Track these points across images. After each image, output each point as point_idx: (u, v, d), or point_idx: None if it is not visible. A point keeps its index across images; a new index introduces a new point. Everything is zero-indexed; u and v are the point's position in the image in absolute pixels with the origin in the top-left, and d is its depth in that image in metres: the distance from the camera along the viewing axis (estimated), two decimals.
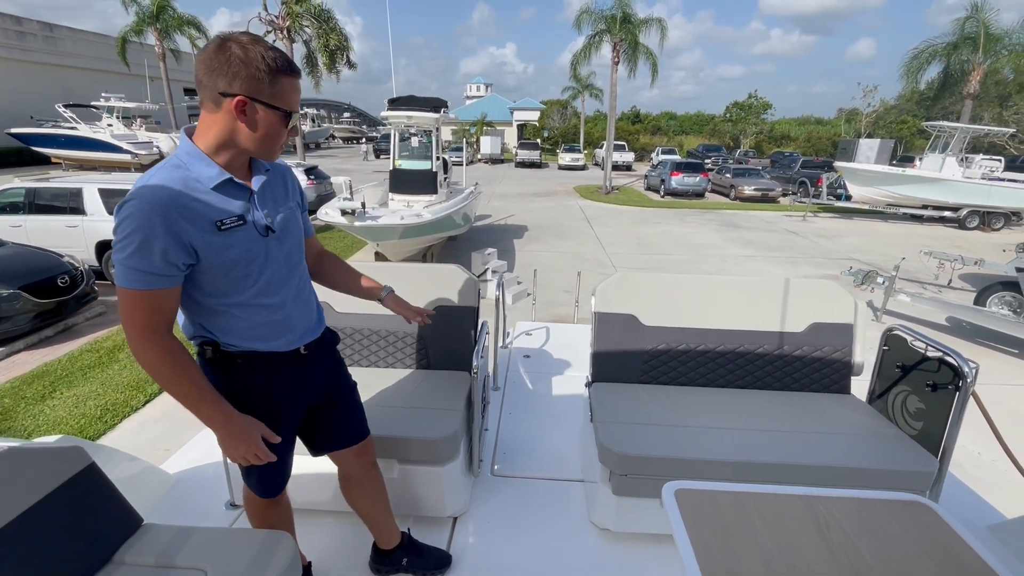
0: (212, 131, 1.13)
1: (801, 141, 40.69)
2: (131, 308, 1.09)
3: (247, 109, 1.10)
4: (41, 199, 7.41)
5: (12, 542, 1.08)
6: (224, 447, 1.23)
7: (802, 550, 0.95)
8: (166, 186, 1.08)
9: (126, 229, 1.05)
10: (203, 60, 1.08)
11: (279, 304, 1.29)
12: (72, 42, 27.65)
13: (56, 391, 4.65)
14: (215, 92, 1.09)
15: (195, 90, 1.14)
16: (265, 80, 1.09)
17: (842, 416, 1.99)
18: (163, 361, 1.13)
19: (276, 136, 1.17)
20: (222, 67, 1.07)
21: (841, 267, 8.27)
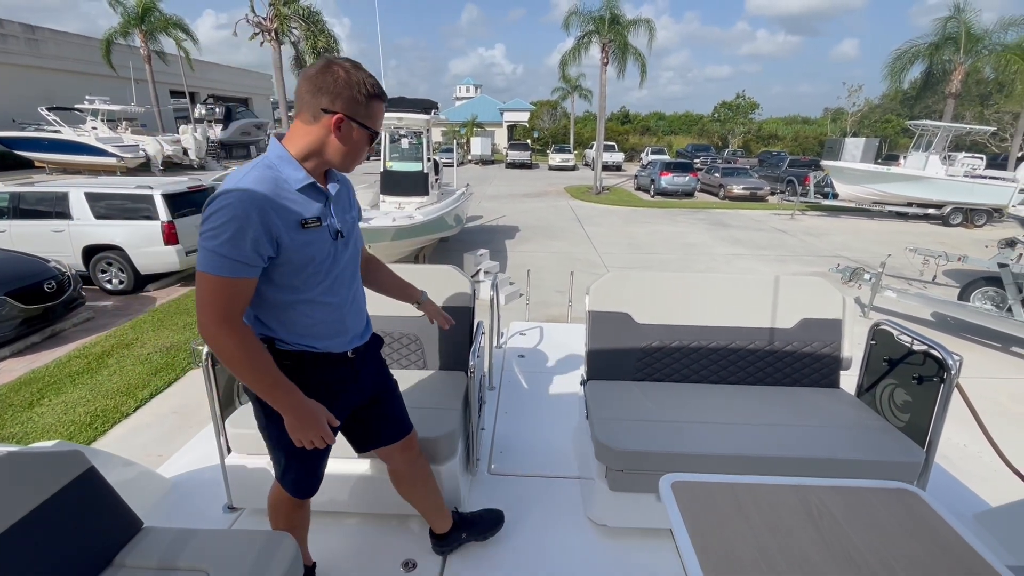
0: (305, 140, 1.24)
1: (788, 140, 41.17)
2: (213, 294, 1.15)
3: (343, 126, 1.22)
4: (26, 203, 7.30)
5: (13, 547, 1.08)
6: (293, 430, 1.27)
7: (795, 537, 0.98)
8: (261, 183, 1.18)
9: (221, 218, 1.13)
10: (308, 78, 1.20)
11: (339, 304, 1.37)
12: (55, 44, 27.21)
13: (44, 398, 4.59)
14: (317, 108, 1.20)
15: (181, 92, 1.23)
16: (363, 103, 1.22)
17: (832, 409, 2.03)
18: (238, 347, 1.17)
19: (360, 152, 1.29)
20: (327, 87, 1.18)
21: (829, 264, 8.39)
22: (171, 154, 22.31)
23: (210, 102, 31.36)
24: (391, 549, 1.86)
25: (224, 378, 1.91)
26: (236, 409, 1.97)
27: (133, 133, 22.29)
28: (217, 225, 1.13)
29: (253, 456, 1.91)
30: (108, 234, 7.17)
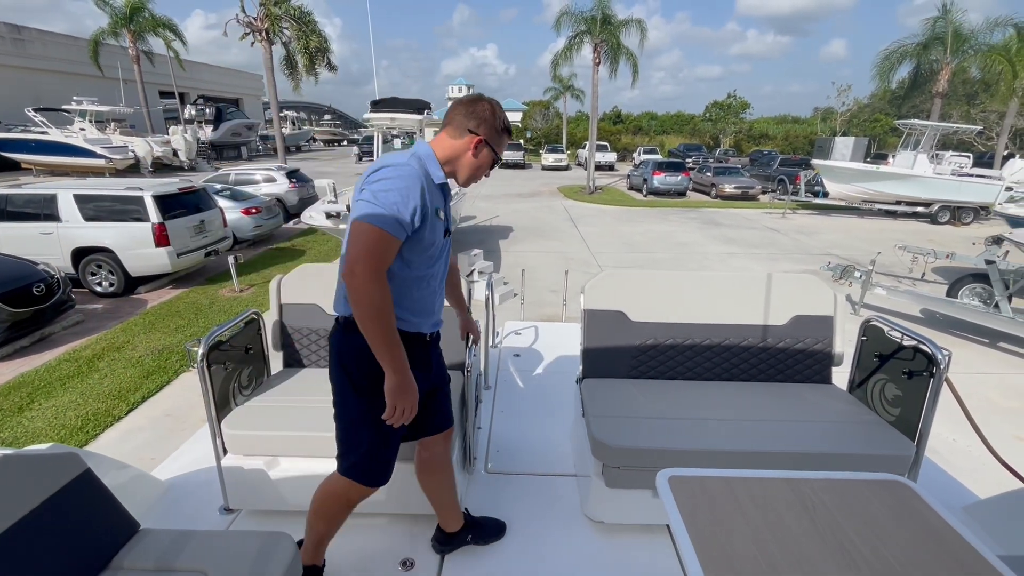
0: (448, 149, 1.47)
1: (779, 140, 41.50)
2: (372, 246, 1.27)
3: (479, 146, 1.47)
4: (13, 206, 7.20)
5: (9, 550, 1.08)
6: (394, 394, 1.37)
7: (790, 529, 0.99)
8: (420, 167, 1.39)
9: (393, 183, 1.31)
10: (464, 104, 1.48)
11: (436, 288, 1.56)
12: (42, 44, 26.89)
13: (34, 402, 4.54)
14: (465, 127, 1.45)
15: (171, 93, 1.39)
16: (498, 133, 1.49)
17: (824, 405, 2.06)
18: (383, 299, 1.28)
19: (482, 171, 1.53)
20: (478, 114, 1.46)
21: (820, 262, 8.48)
22: (161, 155, 22.13)
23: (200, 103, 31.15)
24: (389, 548, 1.87)
25: (220, 379, 1.90)
26: (232, 410, 1.97)
27: (122, 134, 22.08)
28: (388, 188, 1.30)
29: (250, 457, 1.91)
30: (98, 236, 7.09)
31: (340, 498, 1.56)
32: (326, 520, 1.61)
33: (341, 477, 1.53)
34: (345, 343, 1.45)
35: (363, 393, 1.45)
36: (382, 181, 1.31)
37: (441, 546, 1.88)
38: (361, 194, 1.31)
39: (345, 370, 1.46)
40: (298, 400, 2.03)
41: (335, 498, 1.57)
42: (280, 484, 1.90)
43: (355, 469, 1.51)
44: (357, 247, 1.26)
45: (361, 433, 1.49)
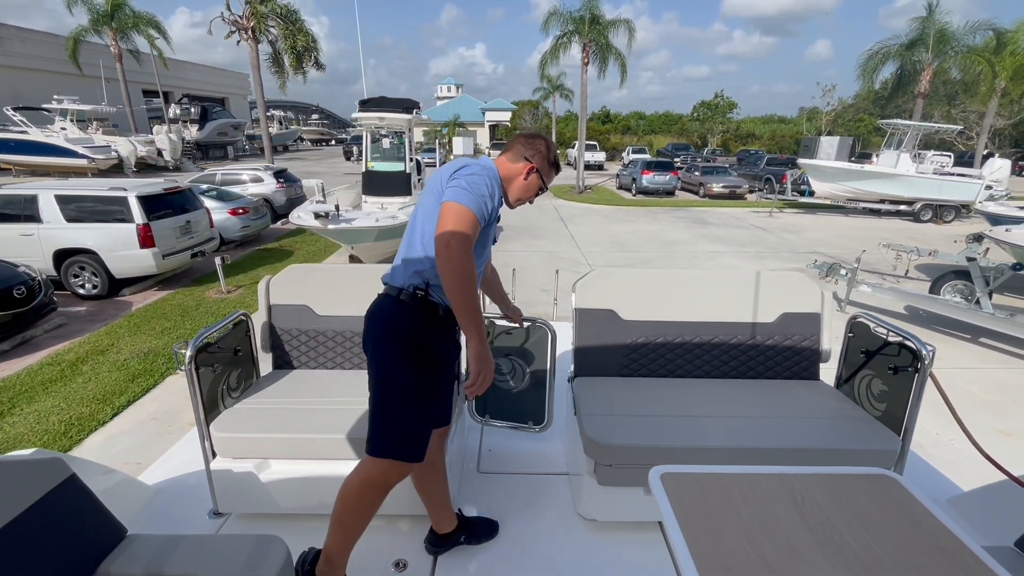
0: (506, 170, 1.68)
1: (766, 139, 41.99)
2: (467, 226, 1.40)
3: (530, 173, 1.69)
4: None
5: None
6: (479, 359, 1.43)
7: (780, 523, 1.00)
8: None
9: (482, 179, 1.49)
10: (524, 136, 1.74)
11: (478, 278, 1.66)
12: (21, 42, 26.34)
13: (16, 407, 4.45)
14: (523, 155, 1.69)
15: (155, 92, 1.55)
16: (549, 166, 1.73)
17: (812, 401, 2.08)
18: (472, 273, 1.39)
19: (529, 194, 1.73)
20: (534, 147, 1.70)
21: (807, 260, 8.59)
22: (145, 155, 21.79)
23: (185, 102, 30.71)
24: (382, 549, 1.86)
25: (208, 382, 1.87)
26: (220, 413, 1.94)
27: (104, 134, 21.71)
28: (480, 181, 1.47)
29: (239, 460, 1.88)
30: (80, 237, 6.96)
31: (378, 484, 1.50)
32: (359, 513, 1.53)
33: (378, 461, 1.48)
34: (399, 314, 1.51)
35: (413, 367, 1.50)
36: (474, 176, 1.48)
37: (434, 547, 1.87)
38: (454, 181, 1.46)
39: (398, 342, 1.49)
40: (288, 402, 2.01)
41: (372, 486, 1.50)
42: (271, 487, 1.88)
43: (399, 447, 1.49)
44: (455, 222, 1.38)
45: (407, 407, 1.50)
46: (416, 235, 1.56)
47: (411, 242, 1.56)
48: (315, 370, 2.29)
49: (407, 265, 1.55)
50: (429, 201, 1.54)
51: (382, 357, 1.50)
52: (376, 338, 1.52)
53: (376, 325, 1.53)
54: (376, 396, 1.52)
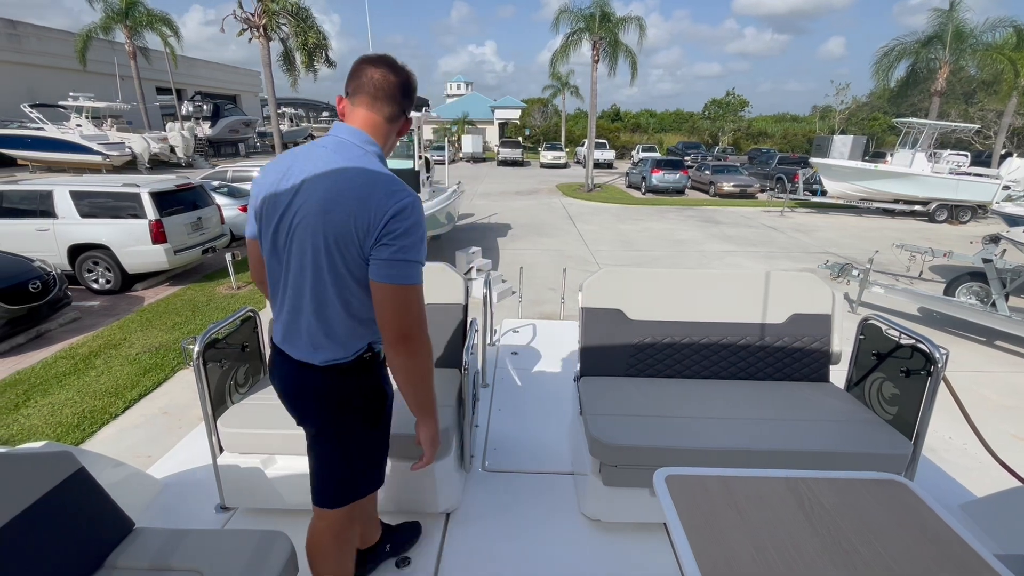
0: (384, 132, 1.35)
1: (778, 138, 41.54)
2: (420, 303, 1.21)
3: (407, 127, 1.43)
4: (9, 202, 7.17)
5: (3, 549, 1.07)
6: (432, 447, 1.36)
7: (788, 528, 0.99)
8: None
9: (420, 229, 1.18)
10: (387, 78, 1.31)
11: None
12: (38, 40, 26.71)
13: (30, 399, 4.52)
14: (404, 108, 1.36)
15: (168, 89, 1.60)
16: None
17: (822, 403, 2.06)
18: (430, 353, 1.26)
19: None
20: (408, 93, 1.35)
21: (818, 261, 8.49)
22: (158, 152, 22.03)
23: (197, 99, 30.98)
24: None
25: (216, 377, 1.89)
26: (228, 408, 1.96)
27: (119, 131, 21.97)
28: (420, 236, 1.18)
29: (246, 455, 1.90)
30: (94, 233, 7.06)
31: (348, 531, 1.46)
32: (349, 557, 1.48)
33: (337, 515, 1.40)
34: (353, 384, 1.33)
35: (375, 425, 1.39)
36: (415, 228, 1.17)
37: (361, 569, 1.70)
38: (394, 249, 1.15)
39: (355, 410, 1.35)
40: None
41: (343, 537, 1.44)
42: (277, 482, 1.89)
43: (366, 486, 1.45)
44: (412, 314, 1.18)
45: (373, 462, 1.44)
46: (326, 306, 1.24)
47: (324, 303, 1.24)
48: None
49: (333, 335, 1.27)
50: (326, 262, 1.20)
51: (337, 429, 1.35)
52: (322, 412, 1.34)
53: (328, 401, 1.33)
54: (335, 458, 1.38)
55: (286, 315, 1.30)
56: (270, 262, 1.31)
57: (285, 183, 1.24)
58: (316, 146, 1.28)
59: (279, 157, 1.33)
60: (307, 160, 1.24)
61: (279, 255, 1.27)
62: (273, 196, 1.25)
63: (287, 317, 1.30)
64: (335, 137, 1.27)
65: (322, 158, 1.23)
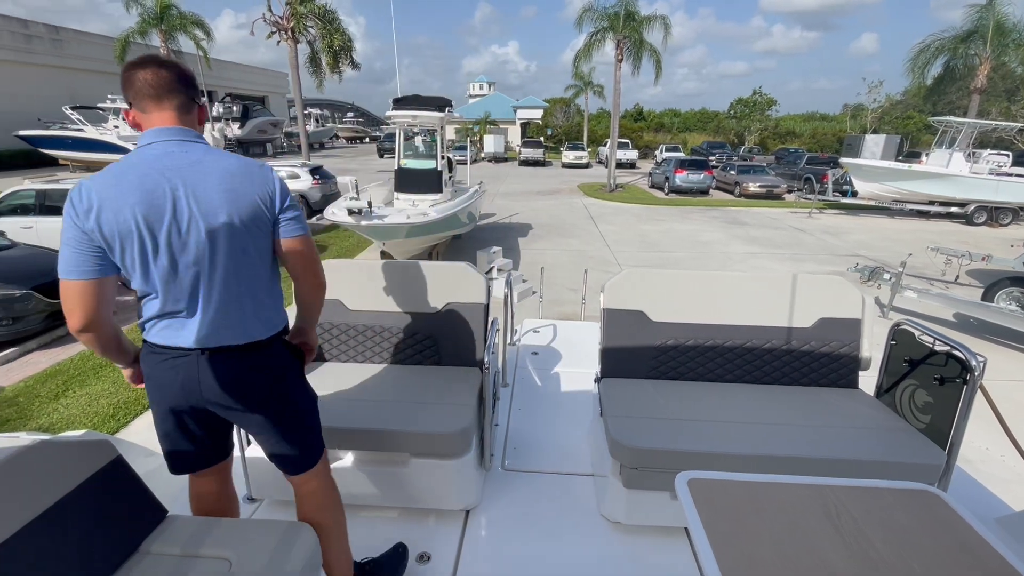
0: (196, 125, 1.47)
1: (806, 137, 40.54)
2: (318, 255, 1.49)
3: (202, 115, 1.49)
4: (51, 200, 7.48)
5: (44, 532, 1.12)
6: (312, 347, 1.68)
7: (814, 536, 0.97)
8: None
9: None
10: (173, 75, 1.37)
11: None
12: (78, 44, 27.81)
13: (69, 390, 4.71)
14: (194, 99, 1.43)
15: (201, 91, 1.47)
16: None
17: (850, 410, 2.01)
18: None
19: None
20: (194, 84, 1.43)
21: (847, 263, 8.25)
22: None
23: (228, 100, 31.79)
24: (406, 543, 1.88)
25: None
26: None
27: None
28: (294, 201, 1.43)
29: None
30: None
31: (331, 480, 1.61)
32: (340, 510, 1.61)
33: (322, 462, 1.57)
34: (287, 356, 1.49)
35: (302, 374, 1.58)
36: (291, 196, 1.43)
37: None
38: (290, 212, 1.38)
39: (299, 375, 1.54)
40: (320, 394, 2.06)
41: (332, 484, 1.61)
42: None
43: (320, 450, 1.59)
44: (314, 256, 1.47)
45: (313, 418, 1.58)
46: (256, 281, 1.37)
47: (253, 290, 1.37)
48: (346, 363, 2.34)
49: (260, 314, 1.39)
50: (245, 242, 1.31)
51: (294, 395, 1.49)
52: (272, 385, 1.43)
53: (270, 378, 1.42)
54: (301, 420, 1.51)
55: (214, 313, 1.32)
56: (171, 275, 1.28)
57: (159, 195, 1.24)
58: (159, 151, 1.28)
59: (111, 176, 1.27)
60: (171, 167, 1.26)
61: (192, 263, 1.28)
62: (151, 212, 1.23)
63: (215, 315, 1.33)
64: (168, 142, 1.29)
65: (180, 164, 1.27)
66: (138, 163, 1.27)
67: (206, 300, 1.31)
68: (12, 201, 7.51)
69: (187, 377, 1.33)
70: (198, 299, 1.31)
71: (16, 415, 4.31)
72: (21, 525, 1.08)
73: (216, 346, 1.33)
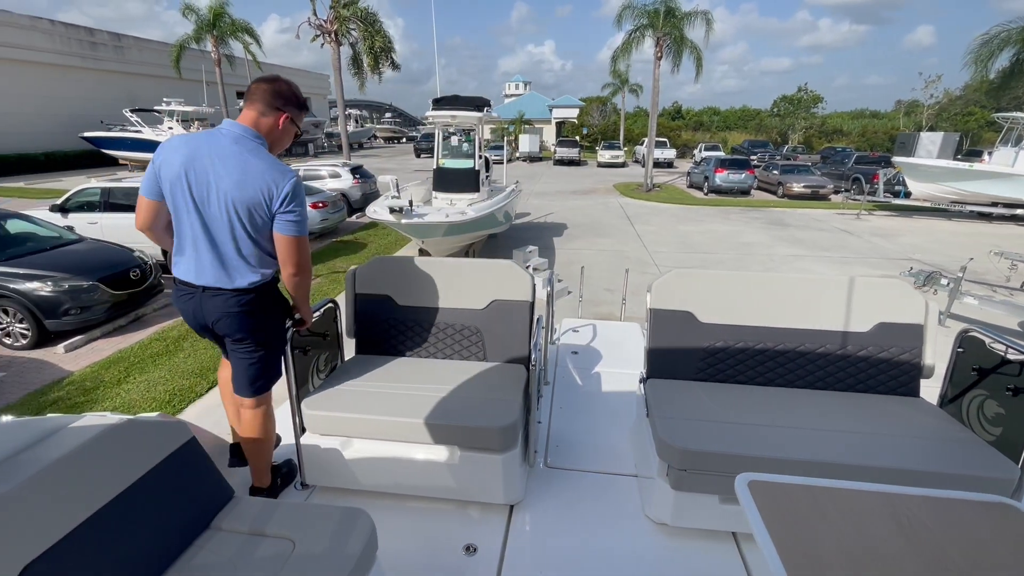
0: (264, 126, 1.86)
1: (855, 136, 38.78)
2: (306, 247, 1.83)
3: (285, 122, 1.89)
4: (114, 198, 7.95)
5: (131, 503, 1.21)
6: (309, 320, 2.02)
7: (885, 546, 0.94)
8: None
9: (302, 198, 1.80)
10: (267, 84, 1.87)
11: None
12: (138, 50, 29.40)
13: (130, 376, 5.00)
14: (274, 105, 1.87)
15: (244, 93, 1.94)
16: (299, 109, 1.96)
17: (912, 419, 1.92)
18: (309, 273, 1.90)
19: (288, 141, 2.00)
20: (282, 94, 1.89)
21: (900, 267, 7.87)
22: None
23: None
24: (454, 534, 1.92)
25: (300, 362, 2.03)
26: (310, 392, 2.09)
27: None
28: (303, 202, 1.79)
29: (326, 437, 2.02)
30: None
31: (269, 413, 2.03)
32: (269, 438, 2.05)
33: (263, 398, 1.99)
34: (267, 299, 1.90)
35: (281, 327, 1.94)
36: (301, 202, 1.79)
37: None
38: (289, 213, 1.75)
39: (272, 315, 1.92)
40: (371, 385, 2.13)
41: (267, 416, 2.02)
42: (353, 464, 2.00)
43: (270, 381, 2.00)
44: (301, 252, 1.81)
45: (278, 352, 1.97)
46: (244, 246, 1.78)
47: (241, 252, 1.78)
48: (395, 357, 2.40)
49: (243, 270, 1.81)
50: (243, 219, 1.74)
51: (265, 332, 1.90)
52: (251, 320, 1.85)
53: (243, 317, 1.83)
54: (256, 359, 1.92)
55: (211, 261, 1.77)
56: (185, 216, 1.75)
57: (198, 163, 1.70)
58: (216, 135, 1.76)
59: (182, 139, 1.76)
60: (212, 147, 1.72)
61: (199, 213, 1.74)
62: (188, 172, 1.70)
63: (208, 258, 1.77)
64: (231, 132, 1.76)
65: (226, 147, 1.73)
66: (203, 138, 1.75)
67: (210, 250, 1.76)
68: (79, 198, 8.01)
69: (194, 307, 1.83)
70: (205, 247, 1.76)
71: (84, 398, 4.61)
72: (113, 495, 1.17)
73: (211, 286, 1.79)
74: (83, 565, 1.07)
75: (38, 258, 5.87)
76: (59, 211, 7.82)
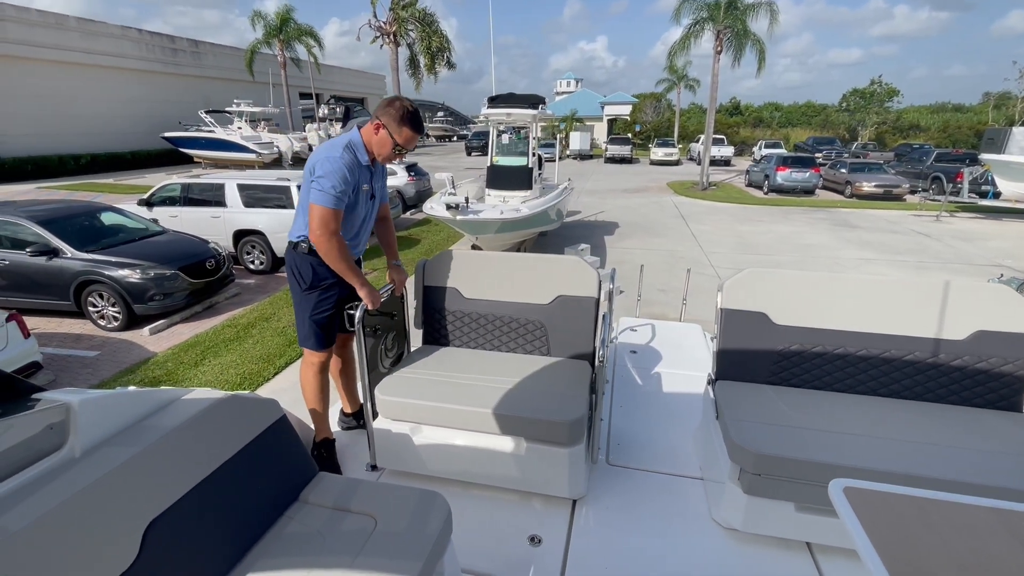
0: (366, 132, 2.17)
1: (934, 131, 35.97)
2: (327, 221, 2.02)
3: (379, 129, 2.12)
4: (192, 193, 8.54)
5: (233, 472, 1.30)
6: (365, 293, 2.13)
7: (1006, 566, 0.88)
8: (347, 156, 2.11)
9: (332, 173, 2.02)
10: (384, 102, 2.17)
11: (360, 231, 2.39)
12: (213, 56, 31.35)
13: (205, 359, 5.36)
14: (376, 116, 2.15)
15: (308, 94, 3.28)
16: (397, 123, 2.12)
17: (1015, 435, 1.77)
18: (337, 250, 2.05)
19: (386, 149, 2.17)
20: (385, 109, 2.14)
21: (986, 274, 7.25)
22: (299, 150, 24.79)
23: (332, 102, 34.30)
24: (518, 523, 1.95)
25: (369, 346, 2.11)
26: (380, 377, 2.17)
27: (269, 132, 25.06)
28: (330, 178, 2.01)
29: (397, 422, 2.09)
30: (253, 220, 8.16)
31: (307, 367, 2.30)
32: (314, 393, 2.30)
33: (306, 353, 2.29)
34: (295, 258, 2.20)
35: (306, 290, 2.20)
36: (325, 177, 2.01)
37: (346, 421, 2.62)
38: (315, 184, 2.02)
39: (295, 276, 2.21)
40: (440, 374, 2.19)
41: (305, 368, 2.31)
42: (422, 450, 2.06)
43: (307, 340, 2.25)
44: (320, 224, 2.00)
45: (305, 315, 2.21)
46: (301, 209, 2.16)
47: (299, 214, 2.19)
48: (461, 348, 2.45)
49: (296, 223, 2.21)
50: (306, 181, 2.10)
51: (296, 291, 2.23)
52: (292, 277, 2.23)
53: (288, 269, 2.23)
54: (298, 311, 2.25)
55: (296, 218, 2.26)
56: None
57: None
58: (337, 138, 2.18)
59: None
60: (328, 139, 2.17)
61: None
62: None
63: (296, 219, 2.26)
64: (342, 136, 2.17)
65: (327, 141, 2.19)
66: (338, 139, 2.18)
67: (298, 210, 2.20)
68: (162, 194, 8.65)
69: None
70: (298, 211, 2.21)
71: (165, 377, 4.99)
72: (221, 462, 1.27)
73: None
74: (196, 526, 1.17)
75: (128, 248, 6.39)
76: (145, 205, 8.48)
